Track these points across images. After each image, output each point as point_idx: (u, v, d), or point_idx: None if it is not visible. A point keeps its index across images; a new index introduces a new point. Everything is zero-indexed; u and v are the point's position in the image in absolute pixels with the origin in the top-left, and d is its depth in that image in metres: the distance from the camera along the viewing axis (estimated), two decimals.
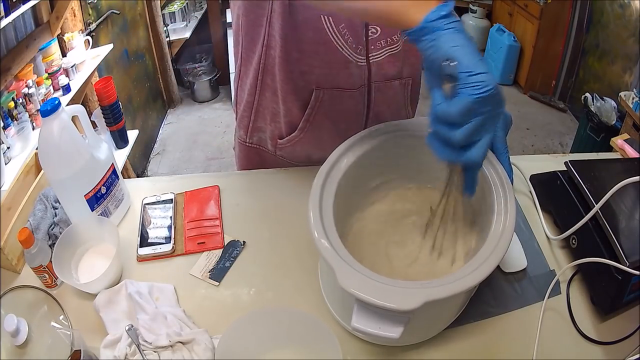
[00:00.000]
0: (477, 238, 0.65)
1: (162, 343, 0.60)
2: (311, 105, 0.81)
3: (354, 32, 0.74)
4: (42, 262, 0.67)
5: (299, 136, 0.86)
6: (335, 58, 0.76)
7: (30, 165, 0.81)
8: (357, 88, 0.81)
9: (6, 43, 1.50)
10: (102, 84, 1.68)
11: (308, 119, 0.83)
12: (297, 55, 0.75)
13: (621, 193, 0.65)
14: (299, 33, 0.73)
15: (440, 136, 0.48)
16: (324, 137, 0.86)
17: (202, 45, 3.55)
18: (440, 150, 0.49)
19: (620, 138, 1.06)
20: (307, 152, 0.91)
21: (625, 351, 0.63)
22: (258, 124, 0.90)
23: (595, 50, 2.93)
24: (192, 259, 0.76)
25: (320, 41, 0.74)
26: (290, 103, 0.82)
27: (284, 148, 0.90)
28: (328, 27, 0.73)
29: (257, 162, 0.96)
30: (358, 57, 0.77)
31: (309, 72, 0.77)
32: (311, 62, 0.76)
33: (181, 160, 2.88)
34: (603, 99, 2.45)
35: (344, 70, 0.78)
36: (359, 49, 0.76)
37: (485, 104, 0.45)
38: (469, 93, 0.44)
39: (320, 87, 0.79)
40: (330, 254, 0.54)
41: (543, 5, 3.05)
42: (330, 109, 0.82)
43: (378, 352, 0.63)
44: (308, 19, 0.72)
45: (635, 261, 0.59)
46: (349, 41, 0.75)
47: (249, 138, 0.94)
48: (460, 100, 0.45)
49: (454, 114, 0.46)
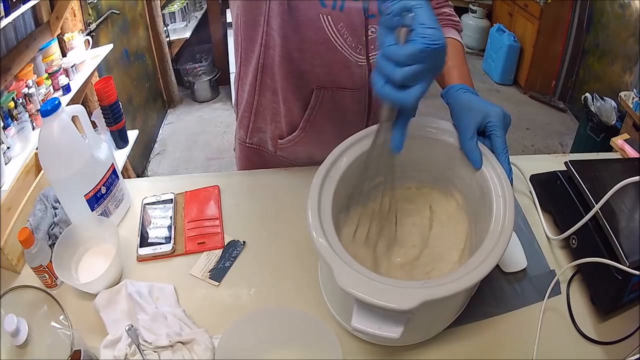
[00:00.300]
0: (476, 238, 0.65)
1: (162, 343, 0.60)
2: (312, 105, 0.81)
3: (353, 32, 0.74)
4: (42, 262, 0.67)
5: (300, 136, 0.86)
6: (336, 57, 0.76)
7: (30, 165, 0.81)
8: (358, 88, 0.81)
9: (6, 43, 1.50)
10: (102, 84, 1.68)
11: (309, 118, 0.83)
12: (298, 55, 0.75)
13: (621, 193, 0.65)
14: (300, 32, 0.73)
15: (384, 73, 0.52)
16: (325, 137, 0.85)
17: (202, 45, 3.55)
18: (379, 85, 0.53)
19: (620, 138, 1.06)
20: (307, 152, 0.91)
21: (625, 351, 0.63)
22: (258, 124, 0.90)
23: (595, 50, 2.94)
24: (192, 259, 0.76)
25: (320, 40, 0.74)
26: (291, 103, 0.82)
27: (285, 148, 0.90)
28: (327, 26, 0.73)
29: (258, 163, 0.96)
30: (358, 57, 0.77)
31: (310, 72, 0.77)
32: (312, 61, 0.76)
33: (181, 160, 2.88)
34: (603, 99, 2.45)
35: (345, 70, 0.78)
36: (359, 49, 0.76)
37: (431, 55, 0.49)
38: (420, 42, 0.49)
39: (321, 86, 0.79)
40: (329, 254, 0.54)
41: (543, 5, 3.05)
42: (331, 108, 0.82)
43: (378, 352, 0.63)
44: (309, 18, 0.72)
45: (635, 261, 0.59)
46: (348, 40, 0.75)
47: (249, 138, 0.94)
48: (412, 46, 0.49)
49: (402, 55, 0.50)
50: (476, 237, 0.65)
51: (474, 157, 0.64)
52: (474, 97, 0.68)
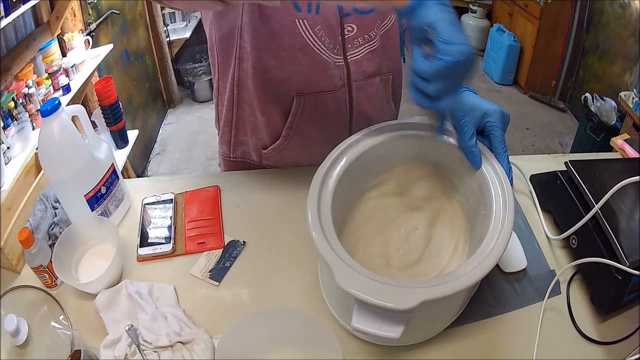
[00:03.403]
0: (476, 237, 0.65)
1: (162, 343, 0.60)
2: (293, 112, 0.81)
3: (330, 32, 0.75)
4: (42, 262, 0.67)
5: (283, 144, 0.86)
6: (314, 61, 0.76)
7: (30, 165, 0.81)
8: (337, 89, 0.81)
9: (6, 43, 1.50)
10: (102, 84, 1.68)
11: (291, 126, 0.83)
12: (274, 63, 0.75)
13: (621, 193, 0.65)
14: (275, 41, 0.73)
15: (416, 87, 0.56)
16: (309, 142, 0.86)
17: (202, 45, 3.54)
18: (416, 97, 0.56)
19: (620, 138, 1.06)
20: (293, 159, 0.91)
21: (625, 351, 0.63)
22: (240, 138, 0.90)
23: (595, 50, 2.93)
24: (192, 259, 0.76)
25: (297, 46, 0.74)
26: (270, 112, 0.82)
27: (270, 157, 0.90)
28: (304, 30, 0.73)
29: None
30: (336, 58, 0.77)
31: (288, 79, 0.77)
32: (290, 68, 0.76)
33: (181, 160, 2.88)
34: (603, 99, 2.45)
35: (324, 73, 0.78)
36: (336, 49, 0.76)
37: (455, 69, 0.51)
38: (443, 59, 0.51)
39: (301, 92, 0.79)
40: (329, 254, 0.54)
41: (543, 5, 3.05)
42: (313, 113, 0.82)
43: (378, 352, 0.63)
44: (283, 26, 0.72)
45: (635, 261, 0.59)
46: (325, 42, 0.75)
47: (232, 153, 0.94)
48: (435, 64, 0.51)
49: (427, 72, 0.53)
50: (476, 237, 0.65)
51: (473, 156, 0.64)
52: (473, 97, 0.68)
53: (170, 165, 2.84)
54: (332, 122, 0.84)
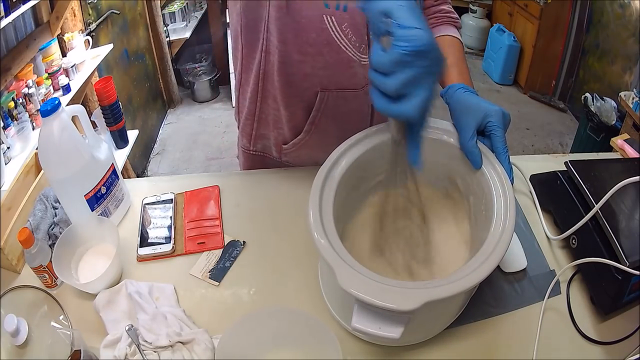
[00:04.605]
0: (477, 238, 0.65)
1: (162, 343, 0.60)
2: (316, 107, 0.81)
3: (356, 31, 0.74)
4: (42, 262, 0.67)
5: (304, 139, 0.86)
6: (340, 58, 0.76)
7: (30, 165, 0.81)
8: (360, 88, 0.81)
9: (6, 43, 1.50)
10: (102, 84, 1.68)
11: (313, 121, 0.83)
12: (299, 58, 0.75)
13: (621, 193, 0.65)
14: (301, 35, 0.73)
15: (375, 85, 0.49)
16: (329, 139, 0.85)
17: (202, 45, 3.55)
18: (377, 100, 0.50)
19: (620, 138, 1.06)
20: (312, 156, 0.90)
21: (625, 351, 0.63)
22: (261, 131, 0.90)
23: (595, 50, 2.94)
24: (192, 259, 0.76)
25: (324, 42, 0.74)
26: (293, 107, 0.81)
27: (289, 153, 0.90)
28: (331, 26, 0.72)
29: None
30: (361, 56, 0.77)
31: (312, 74, 0.77)
32: (315, 63, 0.76)
33: (181, 160, 2.88)
34: (603, 99, 2.45)
35: (348, 70, 0.78)
36: (362, 48, 0.76)
37: (419, 57, 0.46)
38: (400, 46, 0.45)
39: (325, 88, 0.79)
40: (330, 254, 0.54)
41: (543, 5, 3.05)
42: (335, 110, 0.82)
43: (378, 352, 0.63)
44: (310, 21, 0.72)
45: (635, 261, 0.59)
46: (352, 40, 0.75)
47: (252, 146, 0.94)
48: (393, 52, 0.46)
49: (386, 64, 0.47)
50: (477, 238, 0.65)
51: (474, 157, 0.64)
52: (473, 97, 0.68)
53: (170, 165, 2.84)
54: (353, 121, 0.84)
